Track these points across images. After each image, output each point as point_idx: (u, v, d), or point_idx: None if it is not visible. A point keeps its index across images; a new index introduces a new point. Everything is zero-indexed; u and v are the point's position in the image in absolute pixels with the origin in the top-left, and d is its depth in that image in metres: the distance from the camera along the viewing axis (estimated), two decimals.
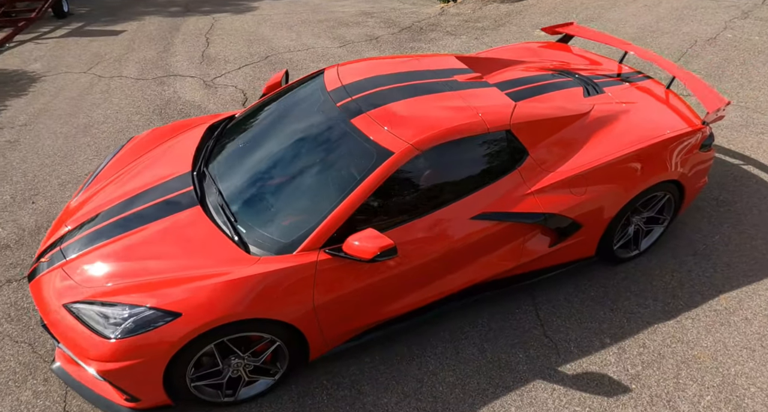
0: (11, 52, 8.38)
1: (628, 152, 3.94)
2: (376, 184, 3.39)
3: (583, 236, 4.03)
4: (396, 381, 3.73)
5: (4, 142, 6.11)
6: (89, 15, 9.93)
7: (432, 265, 3.62)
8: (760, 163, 5.51)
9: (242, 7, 10.20)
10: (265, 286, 3.24)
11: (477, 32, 8.33)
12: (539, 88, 4.38)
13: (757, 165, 5.50)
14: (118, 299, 3.24)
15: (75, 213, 3.95)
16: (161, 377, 3.22)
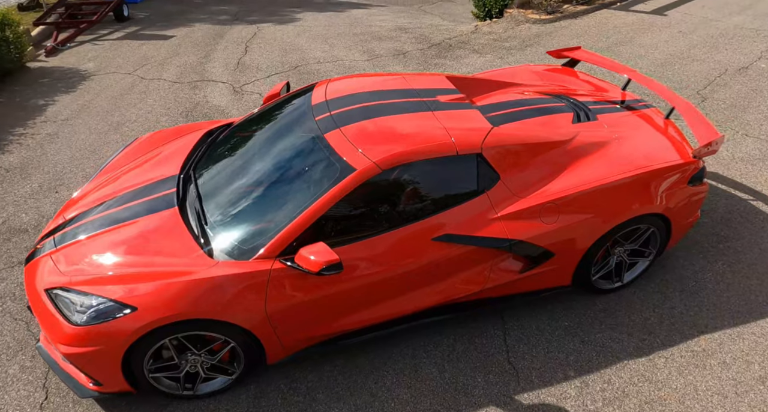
0: (71, 51, 8.78)
1: (606, 182, 3.70)
2: (335, 199, 3.31)
3: (556, 264, 3.81)
4: (350, 393, 3.63)
5: (45, 134, 6.39)
6: (146, 20, 10.28)
7: (391, 282, 3.49)
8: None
9: (286, 18, 10.33)
10: (218, 289, 3.21)
11: (503, 52, 8.13)
12: (527, 112, 4.18)
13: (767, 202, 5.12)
14: (88, 289, 3.30)
15: (72, 206, 4.07)
16: (119, 365, 3.26)
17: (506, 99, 4.36)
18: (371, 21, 10.06)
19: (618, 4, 9.58)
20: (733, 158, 5.72)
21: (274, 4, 11.30)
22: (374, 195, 3.43)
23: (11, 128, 6.49)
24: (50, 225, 4.02)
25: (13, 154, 6.02)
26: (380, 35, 9.17)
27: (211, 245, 3.43)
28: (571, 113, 4.24)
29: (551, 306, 4.17)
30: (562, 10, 9.26)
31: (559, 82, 4.91)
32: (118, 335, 3.16)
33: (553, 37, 8.49)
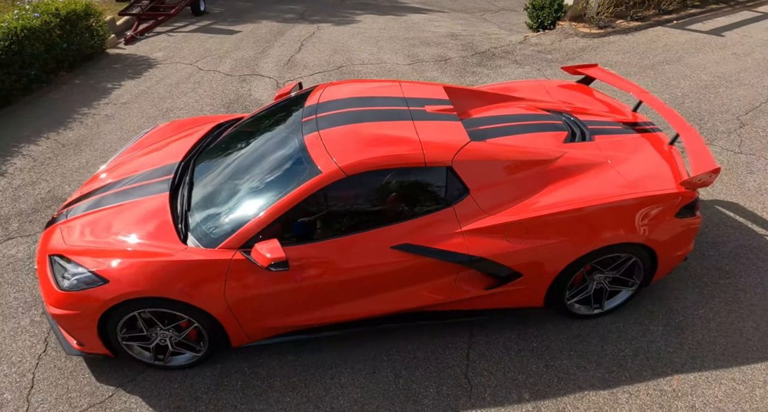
0: (146, 41, 9.17)
1: (581, 207, 3.40)
2: (298, 199, 3.23)
3: (524, 285, 3.55)
4: (305, 384, 3.56)
5: (103, 115, 6.70)
6: (220, 15, 10.57)
7: (350, 284, 3.37)
8: None
9: (347, 19, 10.31)
10: (182, 272, 3.24)
11: (543, 64, 7.70)
12: (518, 128, 3.90)
13: None
14: (76, 259, 3.42)
15: (90, 182, 4.25)
16: (95, 330, 3.38)
17: (502, 113, 4.10)
18: (427, 26, 9.84)
19: (675, 22, 8.84)
20: (759, 190, 5.15)
21: (340, 6, 11.31)
22: (338, 199, 3.32)
23: (78, 107, 6.87)
24: (70, 198, 4.21)
25: (72, 130, 6.36)
26: (429, 41, 8.96)
27: (186, 231, 3.47)
28: (566, 132, 3.92)
29: (523, 325, 3.90)
30: (614, 25, 8.67)
31: (568, 99, 4.57)
32: (92, 303, 3.28)
33: (597, 52, 7.96)
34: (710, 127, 6.22)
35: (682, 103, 6.67)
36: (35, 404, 3.52)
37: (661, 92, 6.90)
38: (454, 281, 3.48)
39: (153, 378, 3.65)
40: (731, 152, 5.80)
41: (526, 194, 3.47)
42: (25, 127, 6.40)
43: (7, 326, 4.02)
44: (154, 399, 3.52)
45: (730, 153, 5.78)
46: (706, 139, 6.03)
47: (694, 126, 6.23)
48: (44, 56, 7.16)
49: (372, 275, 3.36)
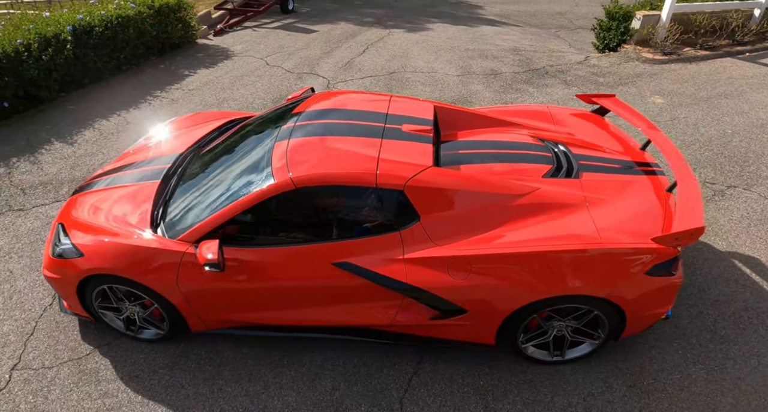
0: (233, 34, 9.36)
1: (535, 251, 2.89)
2: (248, 205, 3.03)
3: (471, 321, 3.11)
4: (249, 379, 3.38)
5: (170, 99, 6.88)
6: (305, 14, 10.57)
7: (292, 292, 3.13)
8: None
9: (419, 27, 9.91)
10: (143, 257, 3.19)
11: (591, 86, 6.89)
12: (499, 156, 3.42)
13: None
14: (70, 230, 3.47)
15: (118, 160, 4.31)
16: (76, 296, 3.43)
17: (489, 139, 3.63)
18: (494, 39, 9.22)
19: (747, 54, 7.58)
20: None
21: (420, 13, 10.90)
22: (288, 208, 3.06)
23: (153, 90, 7.12)
24: (100, 170, 4.31)
25: (140, 110, 6.60)
26: (488, 54, 8.37)
27: (159, 219, 3.41)
28: (550, 166, 3.39)
29: (478, 360, 3.46)
30: (680, 52, 7.58)
31: (575, 128, 3.97)
32: (70, 272, 3.33)
33: (653, 79, 7.00)
34: (753, 170, 5.26)
35: (729, 142, 5.70)
36: (29, 349, 3.65)
37: (708, 127, 5.94)
38: (398, 306, 3.14)
39: (125, 346, 3.65)
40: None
41: (482, 229, 3.02)
42: (105, 104, 6.73)
43: (30, 277, 4.21)
44: (120, 365, 3.52)
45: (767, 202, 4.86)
46: (744, 182, 5.11)
47: (735, 168, 5.30)
48: (135, 42, 7.49)
49: (313, 286, 3.10)
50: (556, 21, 10.70)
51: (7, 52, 5.93)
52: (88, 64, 6.91)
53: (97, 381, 3.43)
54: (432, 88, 7.05)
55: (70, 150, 5.76)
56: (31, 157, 5.65)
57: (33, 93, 6.44)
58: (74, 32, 6.57)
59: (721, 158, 5.50)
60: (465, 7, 11.54)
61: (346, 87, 7.10)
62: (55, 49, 6.38)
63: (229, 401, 3.29)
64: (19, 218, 4.82)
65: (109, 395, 3.35)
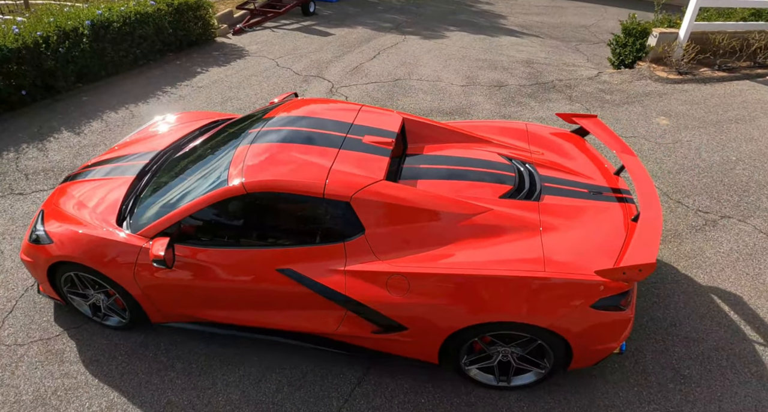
0: (252, 34, 9.55)
1: (475, 274, 2.85)
2: (201, 206, 3.12)
3: (411, 338, 3.10)
4: (199, 373, 3.47)
5: (178, 95, 7.09)
6: (326, 17, 10.69)
7: (239, 293, 3.21)
8: None
9: (436, 34, 9.89)
10: (105, 248, 3.32)
11: (596, 103, 6.74)
12: (459, 173, 3.40)
13: None
14: (48, 217, 3.64)
15: (104, 155, 4.49)
16: (47, 279, 3.61)
17: (454, 154, 3.61)
18: (508, 50, 9.13)
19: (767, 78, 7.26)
20: (753, 284, 4.10)
21: (440, 20, 10.87)
22: (240, 212, 3.14)
23: (164, 85, 7.36)
24: (91, 160, 4.45)
25: (147, 105, 6.83)
26: (499, 65, 8.29)
27: (126, 213, 3.53)
28: (509, 186, 3.35)
29: (424, 377, 3.45)
30: (696, 72, 7.34)
31: (550, 148, 3.90)
32: (41, 257, 3.50)
33: (662, 99, 6.79)
34: (752, 201, 5.05)
35: (731, 169, 5.50)
36: (6, 326, 3.83)
37: (712, 153, 5.74)
38: (342, 317, 3.17)
39: (92, 331, 3.80)
40: (763, 235, 4.66)
41: (426, 247, 3.01)
42: (117, 97, 6.99)
43: (17, 258, 4.38)
44: (84, 348, 3.67)
45: (762, 236, 4.66)
46: (740, 213, 4.92)
47: (733, 197, 5.11)
48: (153, 38, 7.74)
49: (259, 290, 3.17)
50: (579, 34, 10.50)
51: (27, 43, 6.23)
52: (105, 57, 7.19)
53: (60, 362, 3.58)
54: (433, 97, 7.04)
55: (76, 140, 6.01)
56: (39, 145, 5.92)
57: (51, 83, 6.75)
58: (92, 27, 6.85)
59: (719, 186, 5.31)
60: (488, 16, 11.44)
61: (349, 92, 7.16)
62: (73, 42, 6.67)
63: (177, 393, 3.39)
64: (18, 201, 5.06)
65: (69, 376, 3.49)
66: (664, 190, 5.24)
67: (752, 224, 4.80)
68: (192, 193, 3.28)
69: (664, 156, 5.77)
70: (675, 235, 4.68)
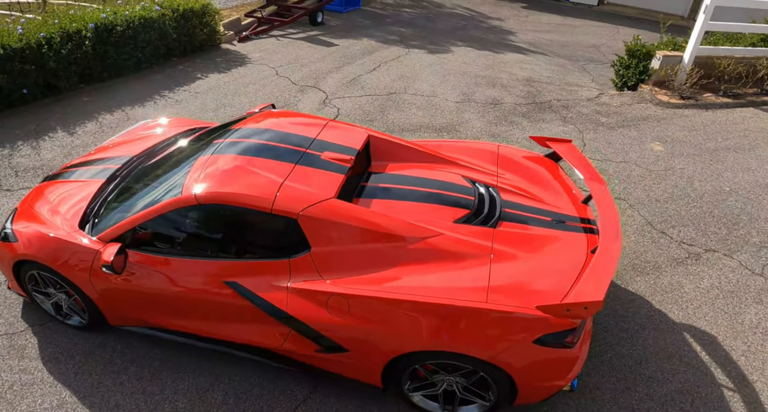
0: (257, 42, 9.68)
1: (416, 300, 2.80)
2: (154, 215, 3.18)
3: (353, 360, 3.07)
4: (149, 378, 3.50)
5: (175, 100, 7.19)
6: (332, 28, 10.80)
7: (188, 302, 3.24)
8: None
9: (441, 49, 9.91)
10: (62, 250, 3.40)
11: (589, 126, 6.67)
12: (417, 194, 3.38)
13: None
14: (18, 216, 3.73)
15: (85, 156, 4.57)
16: (13, 277, 3.72)
17: (414, 174, 3.60)
18: (512, 67, 9.11)
19: None
20: (755, 327, 3.98)
21: (448, 35, 10.91)
22: (191, 222, 3.18)
23: (163, 89, 7.49)
24: (74, 160, 4.52)
25: (144, 108, 6.97)
26: (498, 82, 8.28)
27: (90, 216, 3.60)
28: (466, 211, 3.32)
29: (369, 400, 3.39)
30: (700, 97, 7.22)
31: (520, 173, 3.85)
32: (7, 254, 3.63)
33: (660, 124, 6.68)
34: (741, 235, 4.93)
35: (723, 200, 5.37)
36: None
37: (704, 182, 5.63)
38: (287, 334, 3.16)
39: (55, 329, 3.86)
40: (748, 272, 4.54)
41: (370, 269, 2.98)
42: (114, 99, 7.15)
43: None
44: (45, 345, 3.73)
45: (747, 272, 4.53)
46: (727, 247, 4.80)
47: (721, 229, 5.00)
48: (156, 43, 7.92)
49: (207, 300, 3.20)
50: (588, 53, 10.43)
51: (30, 43, 6.43)
52: (107, 60, 7.37)
53: (21, 357, 3.65)
54: (425, 112, 7.05)
55: (69, 140, 6.16)
56: (33, 143, 6.08)
57: (53, 83, 6.94)
58: (96, 30, 7.04)
59: (708, 217, 5.19)
60: (497, 33, 11.44)
61: (342, 104, 7.21)
62: (76, 43, 6.86)
63: (125, 396, 3.42)
64: (4, 197, 5.19)
65: (26, 372, 3.56)
66: (649, 219, 5.14)
67: (738, 260, 4.67)
68: (148, 201, 3.33)
69: (654, 183, 5.67)
70: (654, 267, 4.57)
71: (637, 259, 4.65)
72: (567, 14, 13.21)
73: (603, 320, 4.03)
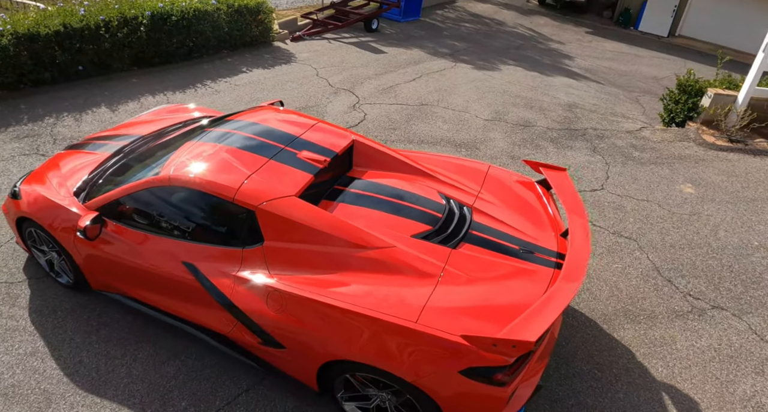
0: (309, 42, 10.02)
1: (347, 309, 2.80)
2: (133, 190, 3.41)
3: (290, 358, 3.13)
4: (115, 343, 3.72)
5: (215, 90, 7.55)
6: (386, 36, 10.98)
7: (150, 276, 3.44)
8: None
9: (489, 66, 9.85)
10: (53, 212, 3.70)
11: (618, 159, 6.39)
12: (383, 203, 3.39)
13: None
14: (29, 178, 4.10)
15: (106, 131, 4.94)
16: (17, 231, 4.08)
17: (388, 183, 3.62)
18: (557, 92, 8.92)
19: None
20: (748, 399, 3.67)
21: (501, 53, 10.84)
22: (161, 201, 3.37)
23: (206, 79, 7.93)
24: (98, 133, 4.90)
25: (184, 94, 7.40)
26: (537, 105, 8.12)
27: (88, 185, 3.87)
28: (428, 227, 3.29)
29: (309, 401, 3.42)
30: (750, 142, 6.75)
31: (502, 196, 3.77)
32: (12, 210, 4.00)
33: (697, 166, 6.31)
34: (759, 296, 4.57)
35: (747, 255, 5.01)
36: None
37: (731, 233, 5.26)
38: (236, 319, 3.26)
39: (48, 284, 4.18)
40: (756, 337, 4.18)
41: (316, 270, 3.03)
42: (159, 83, 7.64)
43: None
44: (35, 298, 4.05)
45: (754, 338, 4.17)
46: (738, 307, 4.44)
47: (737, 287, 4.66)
48: (208, 35, 8.40)
49: (167, 277, 3.37)
50: (646, 85, 10.04)
51: (90, 25, 7.03)
52: (160, 46, 7.90)
53: (12, 305, 3.99)
54: (450, 126, 7.04)
55: (109, 116, 6.65)
56: (77, 115, 6.61)
57: (107, 62, 7.53)
58: (152, 17, 7.57)
59: (725, 272, 4.84)
60: (553, 55, 11.23)
61: (370, 110, 7.34)
62: (131, 28, 7.41)
63: (90, 355, 3.66)
64: (39, 160, 5.68)
65: (13, 318, 3.88)
66: (657, 264, 4.87)
67: (748, 322, 4.32)
68: (132, 176, 3.57)
69: (673, 227, 5.37)
70: (649, 316, 4.30)
71: (633, 305, 4.40)
72: (634, 43, 12.74)
73: (576, 364, 3.84)
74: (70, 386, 3.45)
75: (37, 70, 6.90)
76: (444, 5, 14.49)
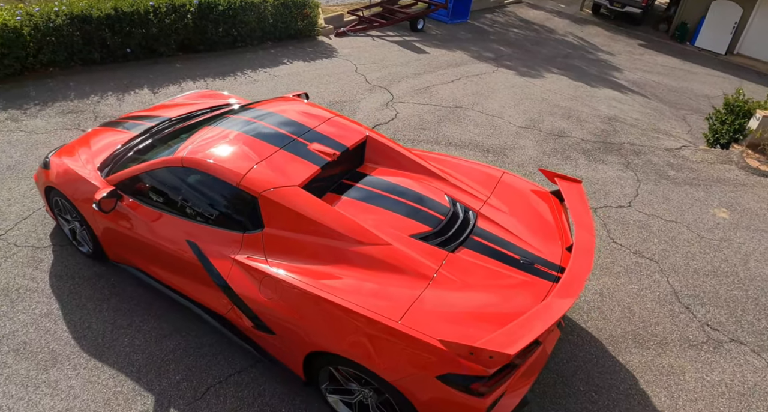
0: (352, 38, 10.09)
1: (334, 301, 2.84)
2: (149, 168, 3.55)
3: (279, 344, 3.19)
4: (124, 313, 3.90)
5: (253, 79, 7.75)
6: (431, 36, 10.94)
7: (159, 252, 3.57)
8: None
9: (532, 73, 9.68)
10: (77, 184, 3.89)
11: (652, 176, 6.14)
12: (389, 202, 3.41)
13: None
14: (61, 150, 4.33)
15: (140, 111, 5.17)
16: (45, 200, 4.33)
17: (396, 182, 3.63)
18: (598, 103, 8.68)
19: None
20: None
21: (547, 61, 10.63)
22: (173, 181, 3.50)
23: (246, 68, 8.13)
24: (135, 112, 5.15)
25: (223, 82, 7.62)
26: (575, 115, 7.92)
27: (110, 161, 4.07)
28: (428, 229, 3.28)
29: (298, 389, 3.49)
30: None
31: (513, 204, 3.71)
32: (42, 179, 4.23)
33: (736, 190, 5.99)
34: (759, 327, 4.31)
35: (765, 288, 4.72)
36: (16, 228, 4.56)
37: (763, 264, 5.00)
38: (232, 301, 3.35)
39: (71, 252, 4.42)
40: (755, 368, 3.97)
41: (311, 260, 3.09)
42: (202, 69, 7.90)
43: None
44: (57, 263, 4.29)
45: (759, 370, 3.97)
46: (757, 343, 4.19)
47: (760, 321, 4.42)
48: (253, 25, 8.62)
49: (172, 254, 3.50)
50: (696, 103, 9.62)
51: (139, 10, 7.35)
52: (206, 34, 8.16)
53: (35, 268, 4.24)
54: (481, 130, 6.96)
55: (149, 97, 6.94)
56: (120, 95, 6.93)
57: (154, 47, 7.85)
58: (199, 6, 7.84)
59: (750, 304, 4.59)
60: (600, 66, 10.92)
61: (403, 108, 7.35)
62: (179, 15, 7.69)
63: (98, 322, 3.85)
64: (78, 135, 6.00)
65: (34, 280, 4.13)
66: (677, 289, 4.67)
67: (767, 360, 4.09)
68: (155, 157, 3.72)
69: (700, 252, 5.14)
70: (659, 343, 4.13)
71: (644, 329, 4.24)
72: (688, 59, 12.23)
73: (574, 383, 3.74)
74: (75, 349, 3.64)
75: (88, 49, 7.27)
76: (494, 9, 14.32)
